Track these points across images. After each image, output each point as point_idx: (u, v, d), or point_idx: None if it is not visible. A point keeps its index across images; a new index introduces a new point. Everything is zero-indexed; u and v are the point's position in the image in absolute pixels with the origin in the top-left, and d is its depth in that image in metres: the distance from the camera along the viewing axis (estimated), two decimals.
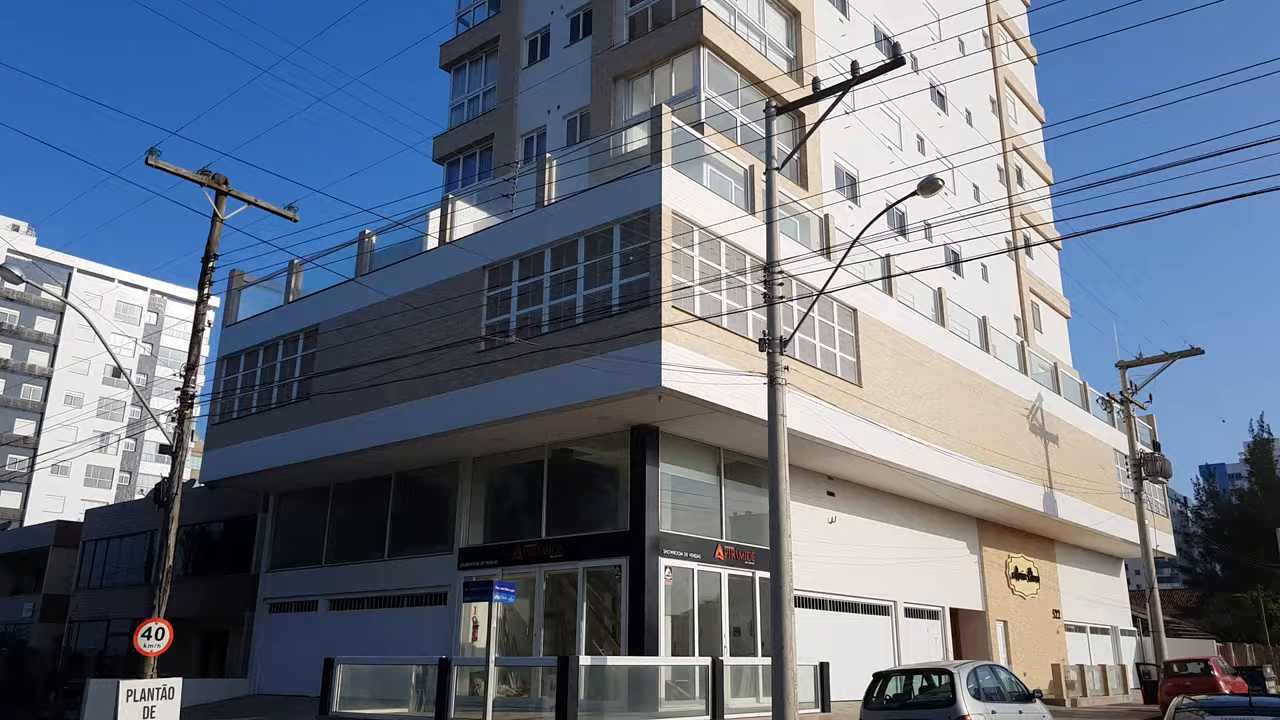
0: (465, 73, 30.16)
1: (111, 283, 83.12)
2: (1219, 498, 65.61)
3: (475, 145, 28.64)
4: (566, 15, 26.80)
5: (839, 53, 26.43)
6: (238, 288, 26.51)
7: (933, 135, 31.76)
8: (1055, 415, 30.44)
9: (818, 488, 22.21)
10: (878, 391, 21.44)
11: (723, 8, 23.80)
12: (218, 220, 16.79)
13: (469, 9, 30.83)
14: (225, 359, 26.04)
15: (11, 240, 77.54)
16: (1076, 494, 30.52)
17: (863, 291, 21.29)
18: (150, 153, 16.33)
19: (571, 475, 19.72)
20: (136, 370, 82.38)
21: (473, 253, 19.53)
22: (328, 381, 21.86)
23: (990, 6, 38.26)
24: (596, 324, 17.10)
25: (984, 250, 30.90)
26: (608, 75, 24.75)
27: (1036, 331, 36.91)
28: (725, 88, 23.20)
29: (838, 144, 26.45)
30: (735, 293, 18.12)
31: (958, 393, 24.84)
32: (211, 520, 29.76)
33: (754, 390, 16.89)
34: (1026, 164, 39.32)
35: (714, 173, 19.62)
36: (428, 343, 19.60)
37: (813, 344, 19.91)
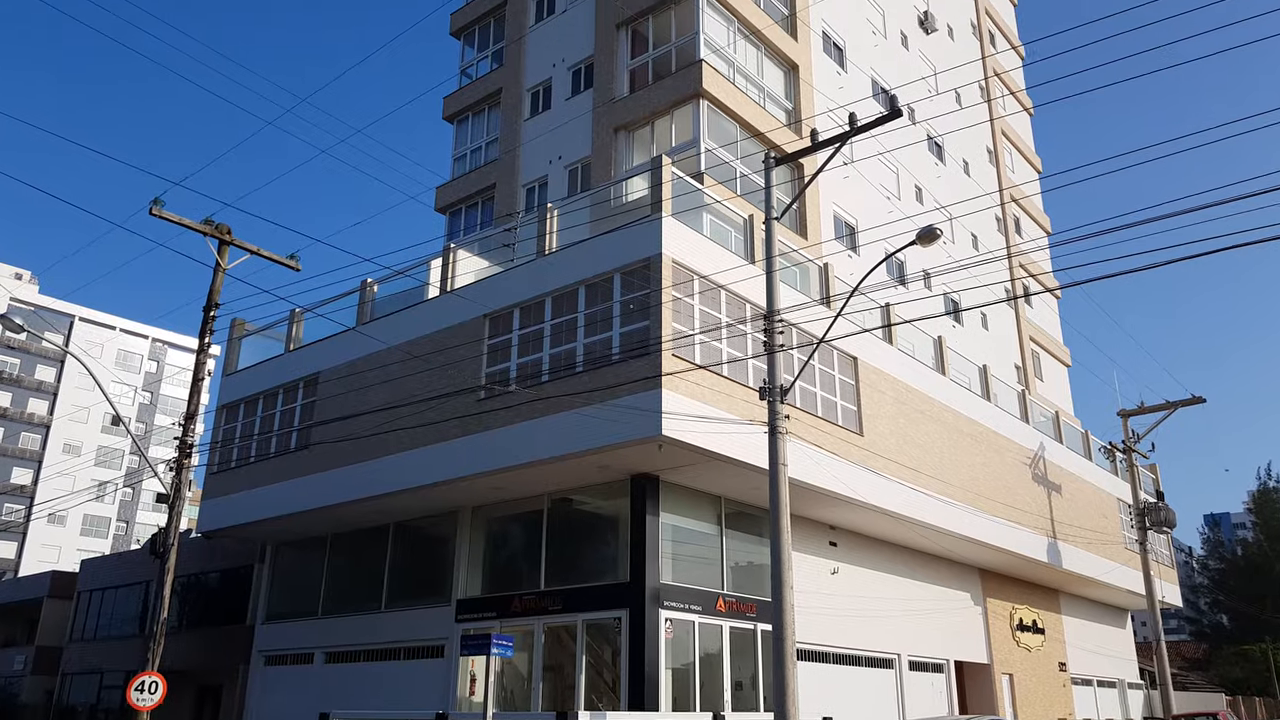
0: (468, 124, 30.51)
1: (113, 331, 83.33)
2: (1224, 547, 65.02)
3: (477, 195, 28.88)
4: (568, 68, 27.17)
5: (837, 105, 26.77)
6: (238, 336, 26.54)
7: (930, 185, 32.03)
8: (1057, 464, 30.29)
9: (820, 538, 22.02)
10: (879, 440, 21.36)
11: (722, 61, 24.14)
12: (220, 270, 16.86)
13: (472, 62, 31.28)
14: (224, 408, 25.99)
15: (14, 289, 77.87)
16: (1080, 544, 30.26)
17: (863, 340, 21.30)
18: (154, 203, 16.46)
19: (571, 525, 19.56)
20: (136, 419, 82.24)
21: (473, 301, 19.58)
22: (327, 430, 21.79)
23: (986, 60, 38.82)
24: (597, 372, 17.08)
25: (983, 299, 31.01)
26: (608, 126, 25.03)
27: (1037, 380, 36.89)
28: (725, 138, 23.44)
29: (836, 194, 26.66)
30: (736, 341, 18.12)
31: (959, 441, 24.73)
32: (208, 571, 29.47)
33: (755, 439, 16.82)
34: (1024, 213, 39.61)
35: (714, 222, 19.75)
36: (428, 391, 19.57)
37: (813, 392, 19.87)
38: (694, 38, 23.67)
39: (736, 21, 24.94)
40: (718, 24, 24.42)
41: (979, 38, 39.63)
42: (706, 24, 23.90)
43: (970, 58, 38.04)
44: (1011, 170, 39.80)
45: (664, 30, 25.03)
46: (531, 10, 29.23)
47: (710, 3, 24.21)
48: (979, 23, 40.05)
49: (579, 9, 27.40)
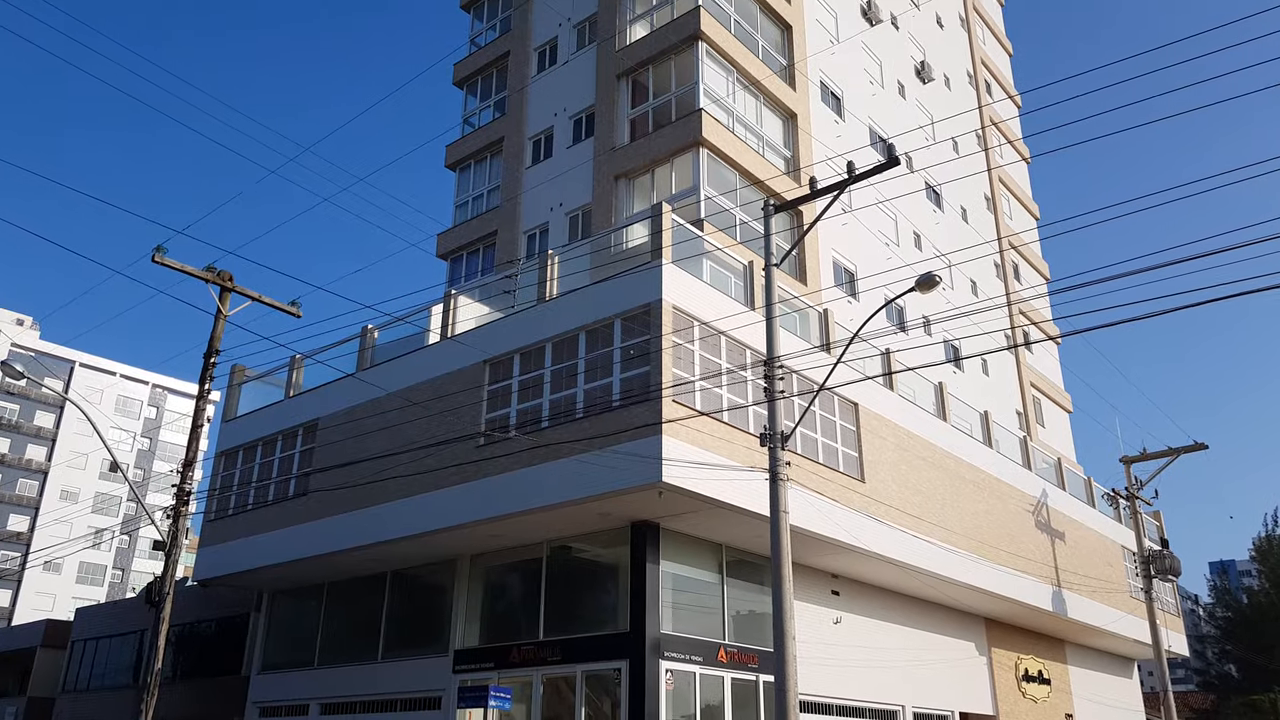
0: (470, 172, 30.78)
1: (113, 376, 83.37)
2: (1231, 596, 64.27)
3: (478, 241, 29.05)
4: (569, 117, 27.48)
5: (835, 154, 27.03)
6: (238, 383, 26.50)
7: (929, 232, 32.22)
8: (1061, 511, 30.08)
9: (822, 587, 21.79)
10: (881, 487, 21.22)
11: (721, 110, 24.41)
12: (221, 316, 16.90)
13: (474, 112, 31.65)
14: (223, 454, 25.88)
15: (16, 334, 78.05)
16: (1085, 592, 29.94)
17: (864, 385, 21.26)
18: (157, 250, 16.56)
19: (570, 573, 19.36)
20: (134, 465, 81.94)
21: (474, 347, 19.58)
22: (326, 477, 21.67)
23: (983, 109, 39.28)
24: (597, 418, 17.02)
25: (983, 345, 31.04)
26: (609, 174, 25.24)
27: (1039, 426, 36.78)
28: (724, 186, 23.63)
29: (836, 240, 26.80)
30: (736, 387, 18.09)
31: (962, 488, 24.59)
32: (203, 620, 29.12)
33: (756, 486, 16.72)
34: (1023, 260, 39.80)
35: (714, 268, 19.82)
36: (427, 438, 19.49)
37: (814, 438, 19.79)
38: (694, 87, 23.97)
39: (735, 72, 25.27)
40: (717, 74, 24.74)
41: (975, 87, 40.13)
42: (706, 74, 24.21)
43: (967, 107, 38.49)
44: (1010, 217, 40.07)
45: (664, 80, 25.36)
46: (533, 61, 29.64)
47: (710, 54, 24.56)
48: (975, 72, 40.58)
49: (580, 60, 27.79)
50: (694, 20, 24.21)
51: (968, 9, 41.81)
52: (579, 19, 28.43)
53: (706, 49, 24.45)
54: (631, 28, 26.79)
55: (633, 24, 26.85)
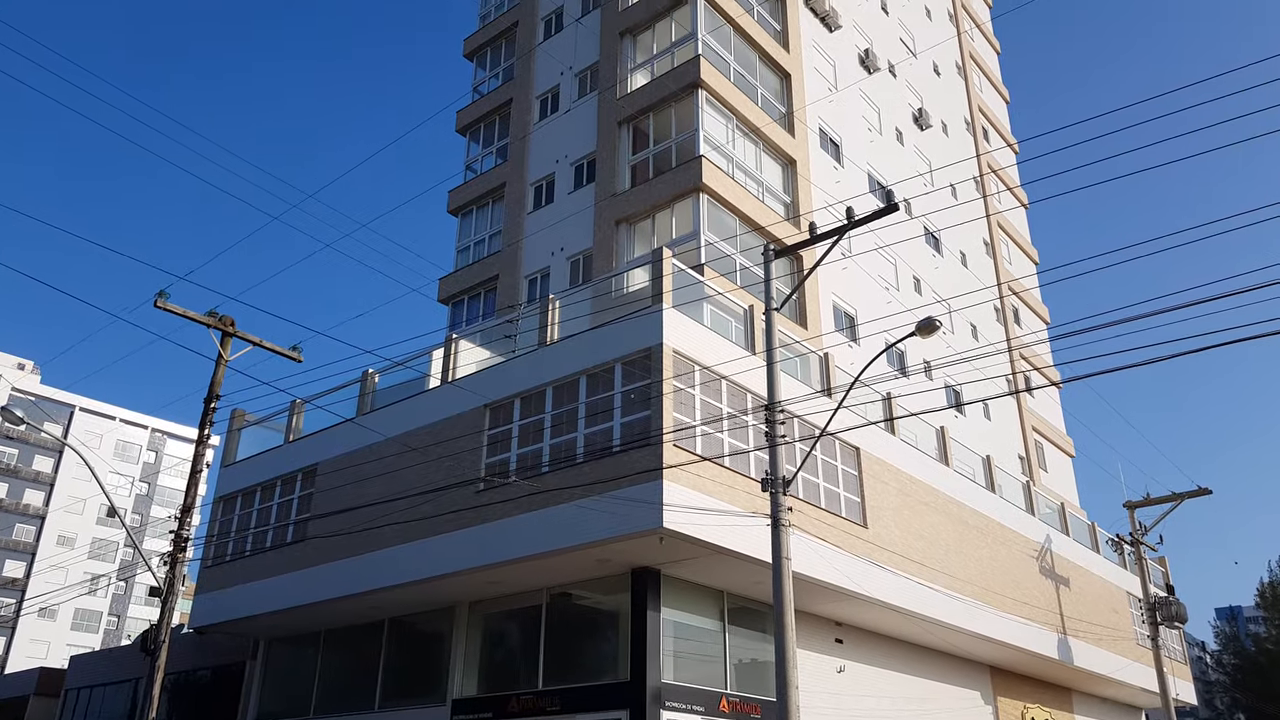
0: (472, 217, 30.99)
1: (113, 421, 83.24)
2: (1239, 642, 63.51)
3: (480, 286, 29.15)
4: (570, 163, 27.73)
5: (834, 199, 27.22)
6: (238, 427, 26.44)
7: (928, 276, 32.33)
8: (1065, 557, 29.82)
9: (825, 634, 21.53)
10: (883, 532, 21.06)
11: (721, 156, 24.63)
12: (222, 361, 16.90)
13: (477, 158, 31.94)
14: (222, 499, 25.73)
15: (17, 379, 78.10)
16: (1091, 639, 29.58)
17: (866, 430, 21.19)
18: (159, 295, 16.62)
19: (570, 621, 19.13)
20: (132, 510, 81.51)
21: (474, 392, 19.55)
22: (324, 523, 21.52)
23: (981, 157, 39.63)
24: (597, 463, 16.93)
25: (985, 390, 31.00)
26: (610, 219, 25.40)
27: (1041, 470, 36.60)
28: (724, 231, 23.76)
29: (836, 284, 26.89)
30: (737, 432, 18.02)
31: (965, 534, 24.40)
32: (199, 668, 28.75)
33: (757, 532, 16.59)
34: (1023, 304, 39.90)
35: (714, 312, 19.86)
36: (427, 483, 19.38)
37: (816, 483, 19.68)
38: (694, 134, 24.21)
39: (735, 119, 25.54)
40: (717, 121, 25.00)
41: (973, 133, 40.54)
42: (706, 122, 24.47)
43: (965, 153, 38.84)
44: (1009, 262, 40.24)
45: (664, 127, 25.62)
46: (535, 108, 29.98)
47: (709, 101, 24.84)
48: (973, 119, 41.01)
49: (582, 108, 28.11)
50: (694, 69, 24.52)
51: (964, 57, 42.37)
52: (580, 67, 28.81)
53: (706, 97, 24.74)
54: (632, 76, 27.14)
55: (633, 72, 27.20)
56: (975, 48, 44.30)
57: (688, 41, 25.81)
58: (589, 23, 29.07)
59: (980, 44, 45.46)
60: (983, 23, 46.70)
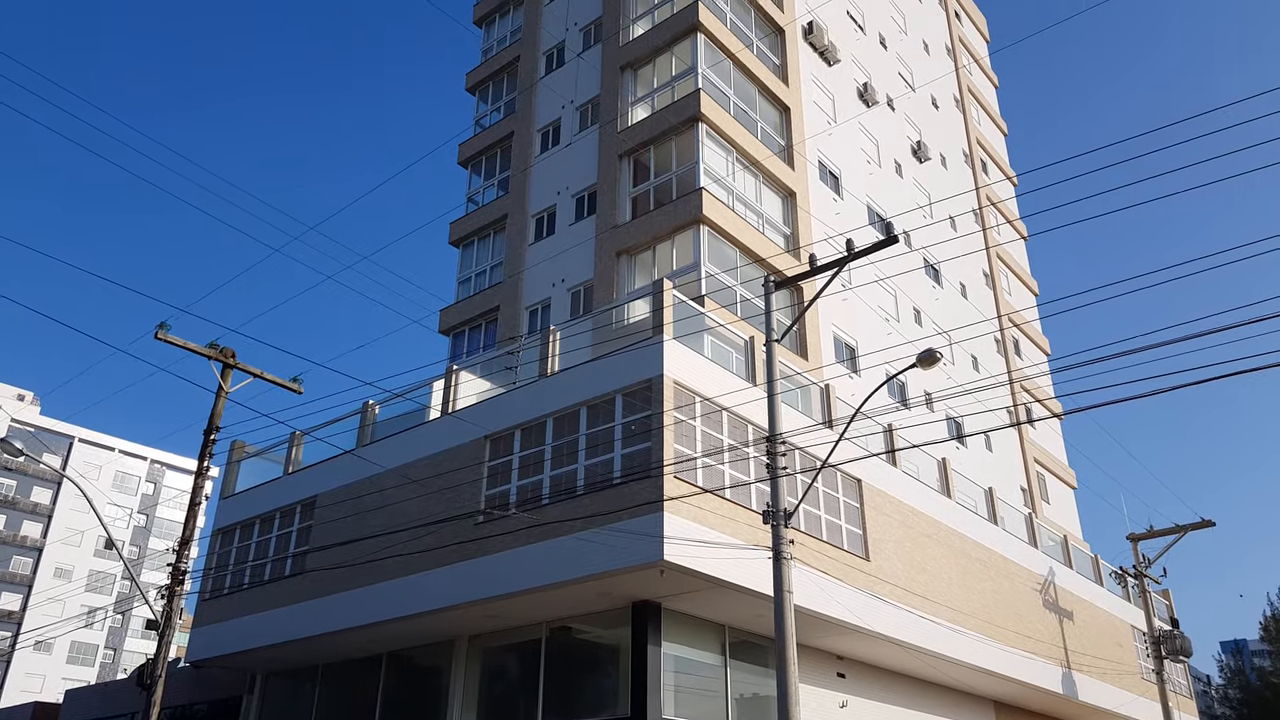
0: (473, 249, 31.11)
1: (111, 452, 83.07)
2: (1244, 677, 62.87)
3: (480, 317, 29.19)
4: (571, 196, 27.87)
5: (834, 231, 27.34)
6: (237, 459, 26.36)
7: (929, 308, 32.39)
8: (1069, 590, 29.62)
9: (827, 669, 21.33)
10: (886, 565, 20.93)
11: (721, 189, 24.76)
12: (222, 393, 16.89)
13: (478, 190, 32.12)
14: (220, 532, 25.60)
15: (16, 410, 78.04)
16: (1095, 674, 29.30)
17: (867, 462, 21.12)
18: (160, 327, 16.67)
19: (570, 655, 18.96)
20: (130, 542, 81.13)
21: (474, 424, 19.52)
22: (323, 556, 21.39)
23: (981, 190, 39.85)
24: (597, 495, 16.86)
25: (986, 421, 30.94)
26: (611, 250, 25.49)
27: (1044, 502, 36.45)
28: (725, 262, 23.83)
29: (836, 316, 26.92)
30: (738, 464, 17.96)
31: (968, 566, 24.25)
32: (195, 702, 28.44)
33: (759, 564, 16.48)
34: (1024, 335, 39.93)
35: (715, 343, 19.86)
36: (426, 515, 19.29)
37: (817, 515, 19.58)
38: (694, 167, 24.35)
39: (735, 152, 25.70)
40: (717, 154, 25.16)
41: (971, 166, 40.79)
42: (706, 154, 24.63)
43: (963, 184, 39.06)
44: (1009, 293, 40.33)
45: (665, 159, 25.78)
46: (537, 141, 30.19)
47: (710, 135, 25.01)
48: (971, 151, 41.29)
49: (583, 141, 28.30)
50: (694, 102, 24.72)
51: (962, 90, 42.73)
52: (581, 101, 29.05)
53: (707, 130, 24.92)
54: (633, 110, 27.35)
55: (634, 106, 27.42)
56: (973, 81, 44.69)
57: (688, 76, 26.04)
58: (590, 57, 29.35)
59: (978, 77, 45.87)
60: (980, 57, 47.14)
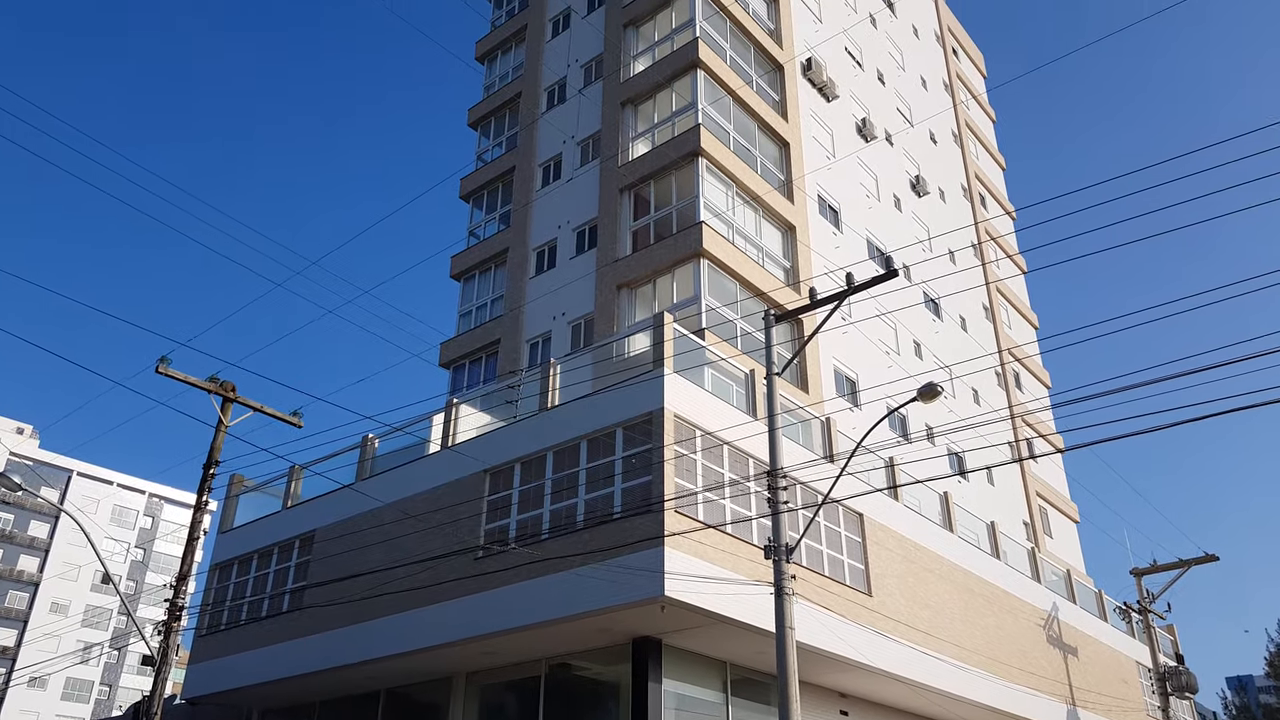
0: (474, 282, 31.19)
1: (110, 486, 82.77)
2: (1250, 713, 62.20)
3: (481, 350, 29.21)
4: (572, 229, 28.00)
5: (834, 265, 27.42)
6: (236, 493, 26.26)
7: (929, 341, 32.40)
8: (1072, 626, 29.36)
9: (830, 706, 21.08)
10: (888, 600, 20.76)
11: (721, 223, 24.86)
12: (222, 427, 16.85)
13: (480, 224, 32.27)
14: (218, 567, 25.44)
15: (15, 444, 77.86)
16: (1101, 710, 28.97)
17: (869, 496, 21.02)
18: (161, 361, 16.66)
19: (569, 692, 18.75)
20: (126, 576, 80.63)
21: (474, 458, 19.45)
22: (321, 591, 21.24)
23: (980, 226, 40.04)
24: (598, 530, 16.76)
25: (987, 455, 30.84)
26: (611, 284, 25.54)
27: (1046, 536, 36.24)
28: (725, 296, 23.88)
29: (836, 349, 26.93)
30: (740, 498, 17.87)
31: (971, 602, 24.05)
32: None
33: (760, 600, 16.34)
34: (1024, 369, 39.92)
35: (716, 377, 19.84)
36: (425, 550, 19.17)
37: (819, 550, 19.45)
38: (694, 201, 24.48)
39: (735, 186, 25.85)
40: (717, 189, 25.29)
41: (970, 200, 41.01)
42: (706, 189, 24.76)
43: (962, 219, 39.25)
44: (1009, 326, 40.37)
45: (665, 194, 25.92)
46: (538, 176, 30.38)
47: (709, 169, 25.16)
48: (969, 186, 41.52)
49: (584, 175, 28.48)
50: (694, 137, 24.90)
51: (960, 125, 43.06)
52: (583, 136, 29.26)
53: (706, 165, 25.07)
54: (634, 144, 27.54)
55: (635, 141, 27.62)
56: (971, 116, 45.06)
57: (688, 111, 26.25)
58: (591, 93, 29.61)
59: (976, 112, 46.25)
60: (978, 93, 47.56)
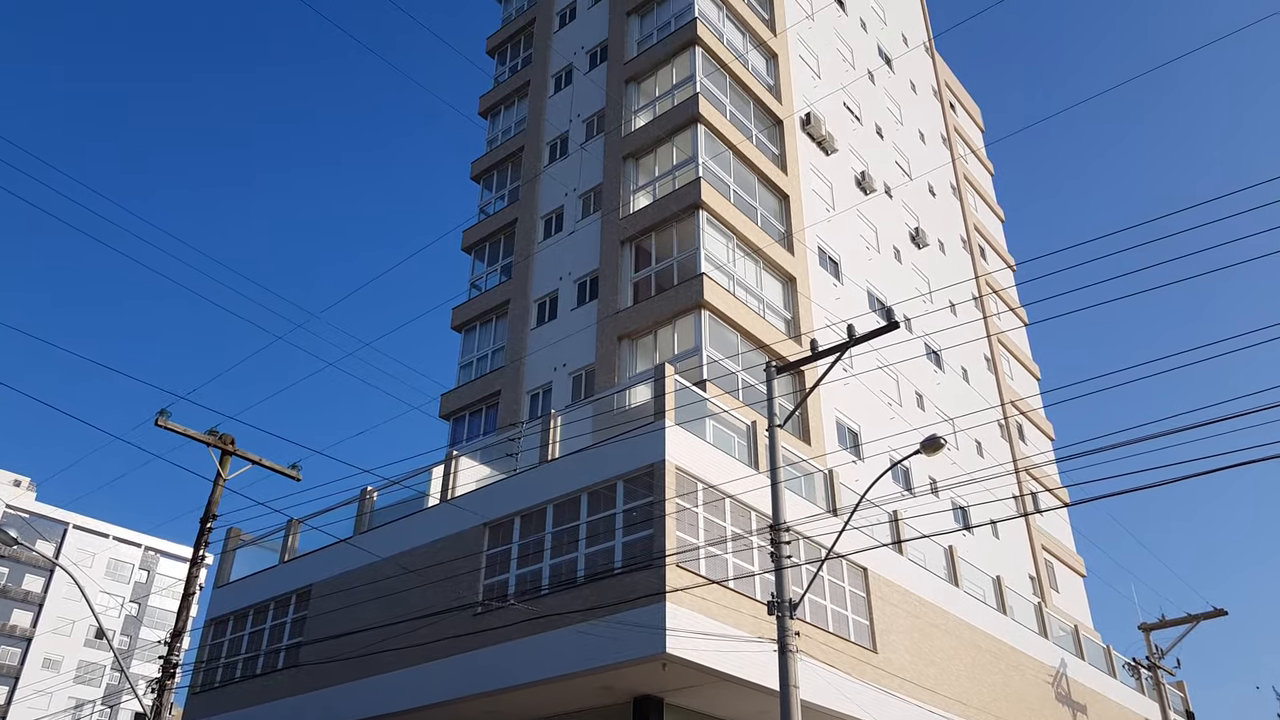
0: (475, 333, 31.20)
1: (106, 539, 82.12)
2: None
3: (481, 402, 29.11)
4: (573, 281, 28.07)
5: (834, 316, 27.47)
6: (233, 547, 25.99)
7: (931, 392, 32.31)
8: (1081, 682, 28.85)
9: None
10: (894, 657, 20.41)
11: (722, 274, 24.93)
12: (220, 480, 16.72)
13: (482, 276, 32.38)
14: (213, 622, 25.08)
15: (12, 496, 77.41)
16: None
17: (873, 550, 20.76)
18: (161, 414, 16.60)
19: None
20: (120, 631, 79.62)
21: (472, 512, 19.26)
22: (318, 647, 20.89)
23: (980, 279, 40.20)
24: (598, 586, 16.53)
25: (991, 507, 30.58)
26: (612, 335, 25.53)
27: (1053, 591, 35.79)
28: (726, 347, 23.86)
29: (838, 400, 26.83)
30: (742, 552, 17.65)
31: (978, 658, 23.65)
32: None
33: (764, 657, 16.06)
34: (1027, 421, 39.76)
35: (717, 428, 19.73)
36: (424, 604, 18.89)
37: (823, 605, 19.17)
38: (695, 252, 24.57)
39: (735, 238, 25.96)
40: (717, 240, 25.41)
41: (970, 251, 41.20)
42: (707, 241, 24.87)
43: (962, 270, 39.40)
44: (1011, 378, 40.30)
45: (666, 245, 26.03)
46: (540, 228, 30.55)
47: (710, 221, 25.30)
48: (969, 237, 41.75)
49: (585, 228, 28.63)
50: (695, 190, 25.07)
51: (958, 178, 43.43)
52: (584, 189, 29.48)
53: (707, 217, 25.21)
54: (635, 197, 27.74)
55: (636, 194, 27.81)
56: (969, 169, 45.47)
57: (689, 165, 26.47)
58: (593, 148, 29.90)
59: (974, 165, 46.68)
60: (976, 147, 48.07)
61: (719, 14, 29.87)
